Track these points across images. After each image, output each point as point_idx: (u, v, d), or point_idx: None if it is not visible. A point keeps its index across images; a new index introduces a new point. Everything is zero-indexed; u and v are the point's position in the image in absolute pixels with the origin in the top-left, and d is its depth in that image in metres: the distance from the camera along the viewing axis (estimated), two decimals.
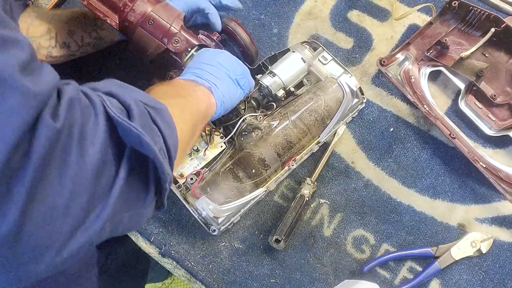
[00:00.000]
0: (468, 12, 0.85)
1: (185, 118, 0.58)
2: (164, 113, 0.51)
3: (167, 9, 0.77)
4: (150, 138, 0.45)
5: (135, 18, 0.75)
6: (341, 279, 0.81)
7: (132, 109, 0.46)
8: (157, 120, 0.48)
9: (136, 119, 0.45)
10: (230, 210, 0.77)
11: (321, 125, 0.83)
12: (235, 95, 0.72)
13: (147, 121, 0.47)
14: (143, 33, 0.75)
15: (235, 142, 0.82)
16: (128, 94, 0.48)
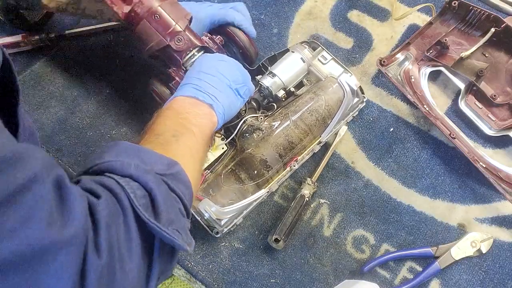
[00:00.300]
0: (468, 12, 0.85)
1: (194, 158, 0.61)
2: (180, 175, 0.54)
3: (175, 7, 0.76)
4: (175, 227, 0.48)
5: (142, 10, 0.74)
6: (341, 279, 0.80)
7: (155, 195, 0.47)
8: (175, 189, 0.51)
9: (163, 212, 0.47)
10: (233, 212, 0.77)
11: (322, 124, 0.83)
12: (236, 105, 0.72)
13: (169, 200, 0.50)
14: (147, 26, 0.75)
15: (236, 143, 0.82)
16: (146, 173, 0.49)
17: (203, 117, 0.66)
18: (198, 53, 0.77)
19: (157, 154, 0.54)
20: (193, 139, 0.62)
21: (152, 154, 0.53)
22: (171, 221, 0.48)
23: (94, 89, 0.93)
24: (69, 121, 0.91)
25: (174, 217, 0.49)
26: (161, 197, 0.48)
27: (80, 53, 0.96)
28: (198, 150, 0.62)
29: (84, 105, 0.92)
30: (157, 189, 0.48)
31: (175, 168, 0.53)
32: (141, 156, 0.52)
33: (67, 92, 0.93)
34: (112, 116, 0.91)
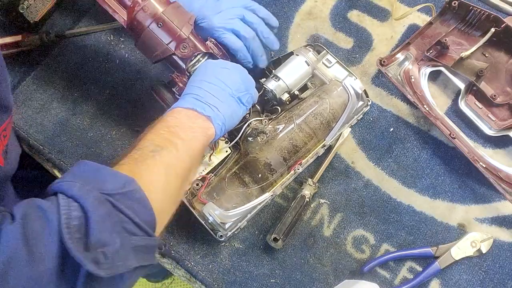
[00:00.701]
0: (468, 12, 0.85)
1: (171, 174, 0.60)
2: (134, 194, 0.54)
3: (178, 11, 0.74)
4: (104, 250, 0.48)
5: (144, 18, 0.72)
6: (341, 279, 0.81)
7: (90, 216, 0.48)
8: (122, 208, 0.51)
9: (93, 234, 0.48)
10: (237, 215, 0.77)
11: (327, 128, 0.83)
12: (237, 114, 0.72)
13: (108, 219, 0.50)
14: (151, 35, 0.73)
15: (240, 146, 0.82)
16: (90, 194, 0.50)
17: (196, 131, 0.66)
18: (203, 59, 0.76)
19: (112, 173, 0.55)
20: (173, 154, 0.61)
21: (109, 173, 0.55)
22: (102, 243, 0.48)
23: (94, 89, 0.93)
24: (70, 122, 0.91)
25: (108, 239, 0.49)
26: (96, 218, 0.48)
27: (80, 53, 0.96)
28: (178, 166, 0.62)
29: (84, 105, 0.92)
30: (93, 210, 0.49)
31: (129, 186, 0.54)
32: (96, 175, 0.54)
33: (67, 93, 0.93)
34: (113, 117, 0.91)
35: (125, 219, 0.51)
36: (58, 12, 0.99)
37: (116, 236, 0.50)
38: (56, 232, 0.47)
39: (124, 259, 0.50)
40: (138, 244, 0.52)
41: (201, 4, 0.77)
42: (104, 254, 0.48)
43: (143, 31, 0.73)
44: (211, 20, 0.76)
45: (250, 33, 0.77)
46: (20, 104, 0.92)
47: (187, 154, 0.63)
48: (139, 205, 0.53)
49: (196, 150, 0.65)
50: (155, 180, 0.58)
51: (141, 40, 0.74)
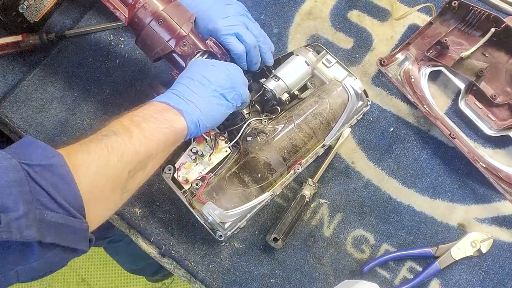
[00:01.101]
0: (468, 12, 0.85)
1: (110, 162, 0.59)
2: (54, 167, 0.52)
3: (179, 10, 0.75)
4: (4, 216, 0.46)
5: (145, 15, 0.73)
6: (341, 279, 0.81)
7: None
8: (37, 178, 0.50)
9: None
10: (237, 215, 0.77)
11: (326, 128, 0.83)
12: (219, 110, 0.71)
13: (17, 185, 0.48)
14: (151, 32, 0.73)
15: (240, 146, 0.82)
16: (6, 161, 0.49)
17: (161, 122, 0.65)
18: (202, 57, 0.76)
19: (44, 147, 0.54)
20: (123, 140, 0.60)
21: (39, 146, 0.53)
22: (3, 209, 0.47)
23: (94, 89, 0.93)
24: (70, 122, 0.91)
25: (10, 204, 0.47)
26: (1, 182, 0.47)
27: (80, 53, 0.96)
28: (125, 152, 0.60)
29: (84, 105, 0.92)
30: (1, 174, 0.48)
31: (53, 160, 0.53)
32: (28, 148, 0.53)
33: (67, 93, 0.93)
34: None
35: (41, 191, 0.50)
36: (58, 12, 0.99)
37: (21, 204, 0.48)
38: None
39: (24, 228, 0.48)
40: (53, 220, 0.50)
41: (208, 6, 0.78)
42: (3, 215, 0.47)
43: (144, 28, 0.73)
44: (217, 22, 0.76)
45: (252, 40, 0.78)
46: (20, 104, 0.92)
47: (143, 142, 0.62)
48: (61, 181, 0.52)
49: (156, 141, 0.64)
50: (91, 160, 0.56)
51: (142, 37, 0.74)
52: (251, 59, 0.80)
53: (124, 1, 0.73)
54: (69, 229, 0.52)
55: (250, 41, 0.77)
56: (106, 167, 0.58)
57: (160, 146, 0.65)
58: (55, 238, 0.50)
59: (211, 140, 0.81)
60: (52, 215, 0.50)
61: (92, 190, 0.55)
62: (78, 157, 0.55)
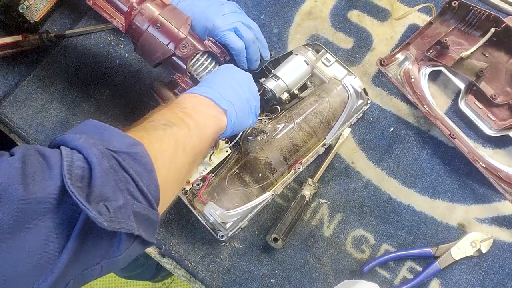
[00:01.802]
0: (468, 12, 0.85)
1: (180, 150, 0.58)
2: (139, 156, 0.51)
3: (175, 13, 0.75)
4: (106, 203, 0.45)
5: (142, 21, 0.73)
6: (341, 279, 0.81)
7: (94, 168, 0.46)
8: (126, 166, 0.48)
9: (96, 186, 0.45)
10: (238, 215, 0.77)
11: (327, 127, 0.83)
12: (248, 120, 0.72)
13: (112, 174, 0.47)
14: (150, 37, 0.73)
15: (240, 146, 0.82)
16: (95, 147, 0.47)
17: (209, 118, 0.65)
18: (202, 58, 0.77)
19: (120, 133, 0.52)
20: (184, 133, 0.60)
21: (115, 132, 0.52)
22: (104, 198, 0.45)
23: (94, 89, 0.93)
24: (70, 122, 0.91)
25: (110, 194, 0.46)
26: (100, 171, 0.46)
27: (80, 53, 0.96)
28: (188, 144, 0.60)
29: (84, 105, 0.92)
30: (98, 163, 0.46)
31: (136, 148, 0.51)
32: (102, 133, 0.51)
33: (67, 93, 0.93)
34: (112, 116, 0.91)
35: (130, 180, 0.48)
36: (58, 12, 0.99)
37: (119, 193, 0.47)
38: (57, 176, 0.44)
39: (126, 218, 0.46)
40: (139, 212, 0.48)
41: (204, 7, 0.78)
42: (107, 208, 0.45)
43: (142, 35, 0.73)
44: (215, 21, 0.77)
45: (250, 35, 0.79)
46: (20, 104, 0.92)
47: (198, 136, 0.62)
48: (144, 170, 0.50)
49: (207, 136, 0.64)
50: (164, 150, 0.55)
51: (141, 43, 0.75)
52: (251, 56, 0.80)
53: (120, 9, 0.73)
54: (149, 221, 0.50)
55: (248, 36, 0.78)
56: (174, 159, 0.57)
57: (209, 141, 0.65)
58: (140, 230, 0.48)
59: None
60: (139, 206, 0.48)
61: (164, 181, 0.54)
62: (153, 147, 0.53)
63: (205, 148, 0.65)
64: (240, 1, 0.96)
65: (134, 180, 0.48)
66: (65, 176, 0.44)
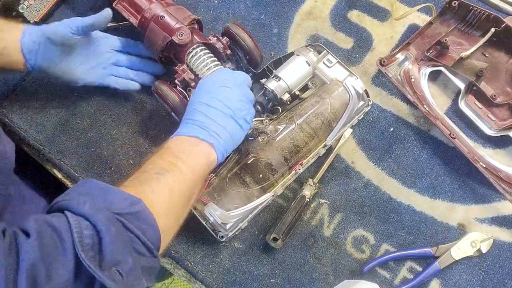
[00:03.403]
0: (468, 12, 0.85)
1: (175, 196, 0.62)
2: (141, 214, 0.55)
3: (180, 10, 0.82)
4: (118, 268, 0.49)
5: (149, 14, 0.81)
6: (341, 279, 0.81)
7: (103, 235, 0.49)
8: (131, 228, 0.52)
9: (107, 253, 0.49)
10: (238, 216, 0.77)
11: (328, 128, 0.83)
12: (239, 135, 0.73)
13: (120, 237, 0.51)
14: (154, 27, 0.80)
15: (241, 147, 0.82)
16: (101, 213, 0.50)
17: (199, 157, 0.68)
18: (199, 49, 0.79)
19: (121, 193, 0.55)
20: (178, 178, 0.63)
21: (116, 193, 0.55)
22: (116, 262, 0.49)
23: (94, 89, 0.93)
24: (70, 122, 0.91)
25: (121, 258, 0.50)
26: (109, 237, 0.49)
27: None
28: (181, 188, 0.64)
29: (84, 105, 0.92)
30: (106, 229, 0.49)
31: (137, 206, 0.55)
32: (104, 195, 0.54)
33: (67, 93, 0.93)
34: (112, 117, 0.91)
35: (135, 239, 0.52)
36: (58, 12, 0.99)
37: (128, 256, 0.50)
38: (71, 250, 0.47)
39: (137, 278, 0.51)
40: (145, 265, 0.53)
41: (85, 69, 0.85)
42: (120, 273, 0.49)
43: (148, 26, 0.81)
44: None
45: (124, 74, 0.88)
46: (20, 104, 0.92)
47: (191, 178, 0.65)
48: (147, 226, 0.54)
49: (198, 175, 0.68)
50: (160, 201, 0.59)
51: (147, 34, 0.82)
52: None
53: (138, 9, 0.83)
54: (152, 269, 0.54)
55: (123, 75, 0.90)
56: (171, 205, 0.62)
57: (202, 176, 0.69)
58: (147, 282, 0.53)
59: None
60: (145, 260, 0.53)
61: (164, 228, 0.58)
62: (149, 199, 0.57)
63: (199, 185, 0.69)
64: (240, 1, 0.96)
65: (138, 237, 0.53)
66: (78, 248, 0.47)
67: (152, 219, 0.55)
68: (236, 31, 0.82)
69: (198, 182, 0.68)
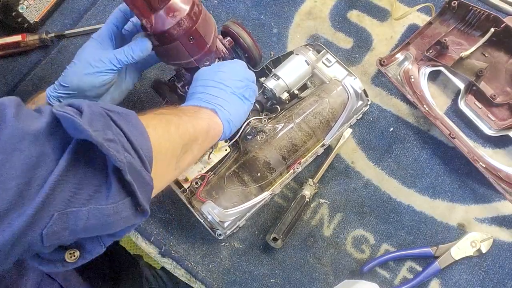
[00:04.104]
0: (468, 12, 0.85)
1: (169, 130, 0.58)
2: (130, 117, 0.50)
3: (208, 23, 0.70)
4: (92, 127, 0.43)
5: (178, 32, 0.66)
6: (341, 279, 0.81)
7: (84, 110, 0.45)
8: (118, 121, 0.47)
9: (85, 116, 0.44)
10: (236, 214, 0.77)
11: (326, 127, 0.83)
12: (243, 110, 0.72)
13: (102, 120, 0.46)
14: (180, 48, 0.68)
15: (239, 145, 0.82)
16: (87, 104, 0.46)
17: (202, 114, 0.66)
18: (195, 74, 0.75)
19: (114, 105, 0.51)
20: (176, 119, 0.60)
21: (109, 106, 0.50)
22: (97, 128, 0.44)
23: None
24: None
25: (100, 127, 0.45)
26: (90, 113, 0.45)
27: None
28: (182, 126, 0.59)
29: None
30: (88, 108, 0.45)
31: (126, 111, 0.50)
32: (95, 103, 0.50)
33: None
34: None
35: (121, 132, 0.47)
36: (58, 12, 0.99)
37: (108, 130, 0.45)
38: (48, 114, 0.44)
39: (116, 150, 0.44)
40: (132, 163, 0.46)
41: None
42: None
43: (172, 42, 0.67)
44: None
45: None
46: None
47: (192, 124, 0.62)
48: (136, 131, 0.49)
49: (200, 126, 0.63)
50: (156, 124, 0.55)
51: (167, 48, 0.69)
52: None
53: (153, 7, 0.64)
54: (142, 180, 0.48)
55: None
56: (167, 134, 0.57)
57: (203, 133, 0.64)
58: (133, 181, 0.46)
59: None
60: (131, 158, 0.46)
61: (157, 151, 0.51)
62: (144, 118, 0.52)
63: (201, 139, 0.64)
64: (240, 1, 0.96)
65: (126, 135, 0.47)
66: (56, 109, 0.43)
67: (143, 127, 0.50)
68: (235, 30, 0.81)
69: (199, 133, 0.63)
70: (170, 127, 0.58)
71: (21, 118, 0.42)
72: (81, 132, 0.43)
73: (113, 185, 0.45)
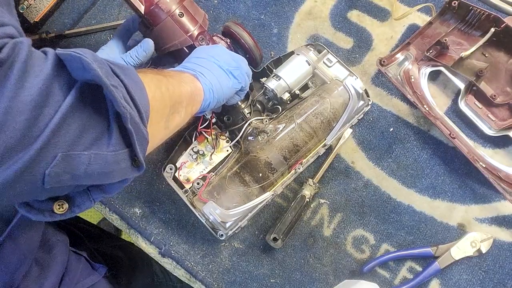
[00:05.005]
0: (468, 12, 0.85)
1: (161, 89, 0.58)
2: (130, 72, 0.50)
3: (195, 6, 0.76)
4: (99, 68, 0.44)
5: (166, 6, 0.71)
6: (341, 279, 0.81)
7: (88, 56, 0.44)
8: (118, 73, 0.47)
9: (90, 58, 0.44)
10: (237, 214, 0.77)
11: (327, 127, 0.83)
12: (227, 84, 0.71)
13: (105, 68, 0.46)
14: (171, 24, 0.72)
15: (241, 146, 0.82)
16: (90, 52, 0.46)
17: (183, 78, 0.66)
18: None
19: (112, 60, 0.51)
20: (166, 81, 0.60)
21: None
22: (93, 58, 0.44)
23: None
24: None
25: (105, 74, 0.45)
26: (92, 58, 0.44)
27: None
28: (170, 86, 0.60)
29: None
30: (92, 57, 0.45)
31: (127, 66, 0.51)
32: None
33: None
34: None
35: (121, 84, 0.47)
36: (58, 12, 0.99)
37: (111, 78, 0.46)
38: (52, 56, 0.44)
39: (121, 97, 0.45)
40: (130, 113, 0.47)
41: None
42: None
43: (162, 21, 0.72)
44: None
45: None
46: None
47: (175, 86, 0.61)
48: (134, 85, 0.49)
49: (186, 91, 0.64)
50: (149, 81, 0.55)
51: (159, 29, 0.73)
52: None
53: None
54: (140, 133, 0.48)
55: None
56: (159, 93, 0.57)
57: (187, 97, 0.65)
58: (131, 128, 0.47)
59: (212, 140, 0.81)
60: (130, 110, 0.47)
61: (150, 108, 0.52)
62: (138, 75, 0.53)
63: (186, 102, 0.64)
64: (240, 1, 0.96)
65: (126, 87, 0.47)
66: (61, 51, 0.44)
67: (141, 82, 0.51)
68: (236, 30, 0.81)
69: (184, 96, 0.63)
70: (161, 86, 0.58)
71: (33, 57, 0.43)
72: (88, 72, 0.43)
73: (114, 133, 0.46)
